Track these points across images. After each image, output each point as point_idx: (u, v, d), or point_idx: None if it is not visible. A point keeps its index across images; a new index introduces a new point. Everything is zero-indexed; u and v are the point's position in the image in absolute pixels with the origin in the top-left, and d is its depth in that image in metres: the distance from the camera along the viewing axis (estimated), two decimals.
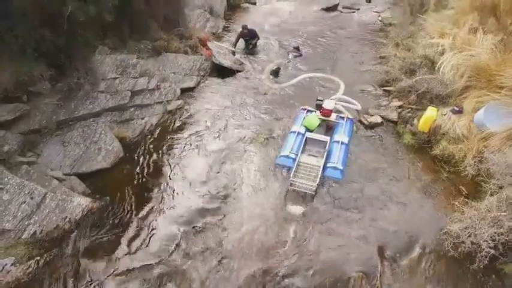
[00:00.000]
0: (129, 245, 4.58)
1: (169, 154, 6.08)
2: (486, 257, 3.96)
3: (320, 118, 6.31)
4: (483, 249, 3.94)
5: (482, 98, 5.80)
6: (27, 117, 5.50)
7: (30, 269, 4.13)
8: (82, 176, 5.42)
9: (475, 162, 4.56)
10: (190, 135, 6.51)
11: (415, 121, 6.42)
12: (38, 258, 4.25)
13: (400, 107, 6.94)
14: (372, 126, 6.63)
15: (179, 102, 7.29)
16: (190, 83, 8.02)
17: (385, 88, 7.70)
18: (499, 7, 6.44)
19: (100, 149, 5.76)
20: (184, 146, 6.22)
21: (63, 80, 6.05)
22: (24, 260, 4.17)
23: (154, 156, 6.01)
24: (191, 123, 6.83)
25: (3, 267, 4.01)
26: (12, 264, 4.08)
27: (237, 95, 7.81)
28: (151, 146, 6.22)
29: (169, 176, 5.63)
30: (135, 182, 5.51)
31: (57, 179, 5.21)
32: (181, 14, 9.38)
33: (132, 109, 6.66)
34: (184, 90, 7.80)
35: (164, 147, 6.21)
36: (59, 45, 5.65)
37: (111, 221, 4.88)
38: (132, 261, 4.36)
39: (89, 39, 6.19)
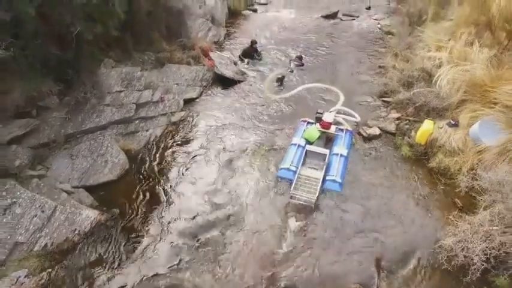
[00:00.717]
0: (136, 256, 4.77)
1: (173, 166, 6.27)
2: (478, 270, 4.13)
3: (320, 130, 6.49)
4: (475, 263, 4.11)
5: (478, 112, 5.98)
6: (36, 132, 5.70)
7: (43, 281, 4.33)
8: (90, 189, 5.61)
9: (467, 179, 4.74)
10: (193, 147, 6.70)
11: (413, 133, 6.59)
12: (50, 270, 4.46)
13: (398, 118, 7.13)
14: (370, 138, 6.80)
15: (182, 113, 7.49)
16: (193, 94, 8.22)
17: (383, 99, 7.89)
18: (493, 22, 6.61)
19: (107, 162, 5.95)
20: (188, 158, 6.41)
21: (70, 94, 6.24)
22: (37, 272, 4.37)
23: (159, 168, 6.20)
24: (194, 134, 7.02)
25: (17, 279, 4.22)
26: (25, 276, 4.28)
27: (239, 105, 8.00)
28: (155, 158, 6.42)
29: (173, 188, 5.82)
30: (141, 194, 5.69)
31: (66, 191, 5.40)
32: (184, 24, 9.55)
33: (137, 121, 6.86)
34: (187, 101, 8.01)
35: (168, 159, 6.40)
36: (67, 61, 5.84)
37: (118, 233, 5.06)
38: (139, 273, 4.55)
39: (95, 53, 6.38)
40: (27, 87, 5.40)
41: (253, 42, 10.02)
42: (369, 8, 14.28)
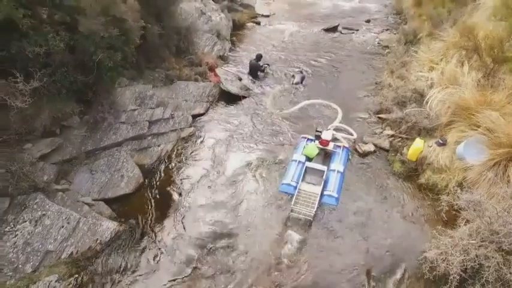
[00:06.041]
0: (150, 264, 5.33)
1: (183, 179, 6.84)
2: (457, 279, 4.64)
3: (319, 147, 7.02)
4: (453, 273, 4.62)
5: (464, 133, 6.47)
6: (60, 149, 6.26)
7: (71, 286, 4.91)
8: (108, 201, 6.18)
9: (448, 198, 5.24)
10: (201, 161, 7.27)
11: (405, 150, 7.11)
12: (77, 275, 5.03)
13: (392, 135, 7.64)
14: (365, 154, 7.33)
15: (191, 129, 8.06)
16: (200, 109, 8.79)
17: (379, 116, 8.41)
18: (480, 48, 7.12)
19: (123, 176, 6.52)
20: (197, 172, 6.97)
21: (89, 113, 6.79)
22: (66, 277, 4.95)
23: (170, 181, 6.77)
24: (202, 149, 7.59)
25: (49, 284, 4.79)
26: (56, 281, 4.85)
27: (243, 121, 8.55)
28: (167, 172, 6.99)
29: (184, 200, 6.38)
30: (154, 206, 6.26)
31: (87, 204, 5.97)
32: (191, 41, 10.14)
33: (150, 137, 7.43)
34: (194, 116, 8.58)
35: (178, 173, 6.98)
36: (88, 84, 6.41)
37: (135, 243, 5.63)
38: (154, 280, 5.11)
39: (113, 76, 6.91)
40: (53, 109, 5.98)
41: (259, 57, 10.51)
42: (368, 21, 14.77)
